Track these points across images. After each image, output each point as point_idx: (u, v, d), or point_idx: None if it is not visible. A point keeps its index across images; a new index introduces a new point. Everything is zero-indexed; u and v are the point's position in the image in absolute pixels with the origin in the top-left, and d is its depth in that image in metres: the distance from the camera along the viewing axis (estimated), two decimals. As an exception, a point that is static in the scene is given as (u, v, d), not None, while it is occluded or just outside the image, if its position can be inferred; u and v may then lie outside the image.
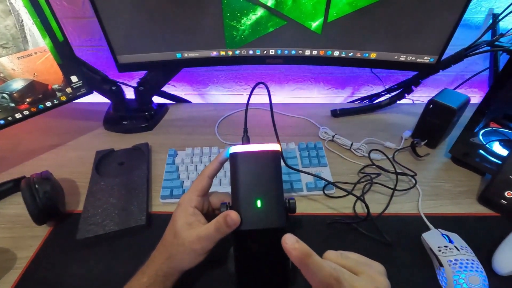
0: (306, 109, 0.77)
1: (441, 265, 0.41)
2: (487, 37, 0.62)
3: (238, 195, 0.33)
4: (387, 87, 0.78)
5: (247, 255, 0.33)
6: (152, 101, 0.76)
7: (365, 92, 0.91)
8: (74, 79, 0.60)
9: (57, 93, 0.59)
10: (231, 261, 0.35)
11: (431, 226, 0.48)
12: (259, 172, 0.33)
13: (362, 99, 0.86)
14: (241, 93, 0.92)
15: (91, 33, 0.76)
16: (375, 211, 0.50)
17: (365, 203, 0.48)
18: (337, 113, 0.75)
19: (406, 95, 0.73)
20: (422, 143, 0.62)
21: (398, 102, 0.75)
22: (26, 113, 0.56)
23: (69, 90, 0.60)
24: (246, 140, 0.40)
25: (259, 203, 0.32)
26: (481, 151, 0.58)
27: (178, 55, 0.61)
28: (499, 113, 0.62)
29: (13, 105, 0.54)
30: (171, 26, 0.57)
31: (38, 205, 0.45)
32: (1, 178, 0.56)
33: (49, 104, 0.58)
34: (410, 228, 0.48)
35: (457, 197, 0.54)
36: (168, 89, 0.87)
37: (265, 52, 0.62)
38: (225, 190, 0.54)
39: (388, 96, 0.76)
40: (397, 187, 0.53)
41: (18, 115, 0.55)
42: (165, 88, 0.79)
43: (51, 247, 0.47)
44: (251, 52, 0.62)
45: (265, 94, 0.42)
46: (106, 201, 0.51)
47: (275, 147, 0.35)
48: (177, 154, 0.62)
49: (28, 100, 0.55)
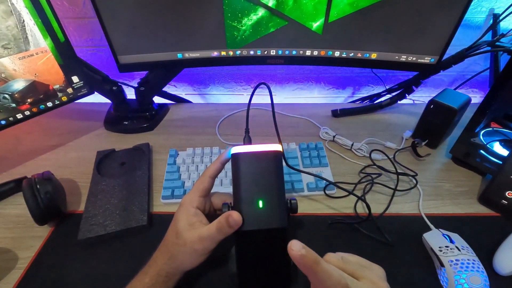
0: (307, 109, 0.77)
1: (442, 265, 0.41)
2: (488, 37, 0.62)
3: (240, 195, 0.33)
4: (387, 87, 0.79)
5: (248, 255, 0.33)
6: (153, 101, 0.76)
7: (365, 92, 0.91)
8: (75, 79, 0.60)
9: (58, 93, 0.59)
10: (232, 261, 0.35)
11: (432, 226, 0.48)
12: (261, 172, 0.33)
13: (362, 99, 0.86)
14: (241, 93, 0.92)
15: (92, 33, 0.76)
16: (376, 211, 0.50)
17: (366, 203, 0.48)
18: (338, 113, 0.75)
19: (406, 95, 0.73)
20: (422, 143, 0.62)
21: (398, 102, 0.75)
22: (27, 113, 0.56)
23: (70, 90, 0.60)
24: (248, 140, 0.40)
25: (260, 204, 0.32)
26: (481, 151, 0.58)
27: (179, 56, 0.61)
28: (499, 113, 0.62)
29: (14, 105, 0.54)
30: (172, 26, 0.57)
31: (39, 205, 0.45)
32: (2, 178, 0.56)
33: (50, 104, 0.58)
34: (411, 228, 0.48)
35: (458, 197, 0.54)
36: (168, 89, 0.87)
37: (266, 52, 0.62)
38: (226, 190, 0.54)
39: (388, 96, 0.76)
40: (398, 187, 0.53)
41: (19, 116, 0.56)
42: (166, 88, 0.79)
43: (52, 248, 0.47)
44: (252, 52, 0.62)
45: (266, 94, 0.43)
46: (107, 201, 0.51)
47: (277, 147, 0.35)
48: (178, 154, 0.62)
49: (29, 100, 0.55)
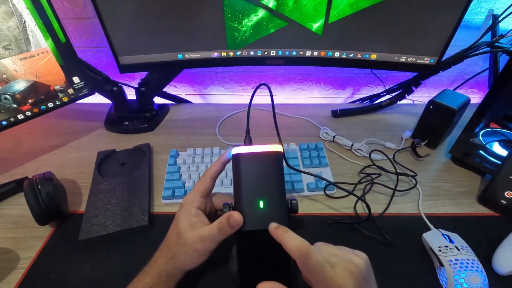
0: (306, 110, 0.77)
1: (441, 264, 0.41)
2: (487, 38, 0.62)
3: (240, 196, 0.33)
4: (387, 87, 0.79)
5: (249, 255, 0.33)
6: (153, 102, 0.76)
7: (365, 92, 0.91)
8: (76, 80, 0.60)
9: (59, 94, 0.59)
10: (233, 261, 0.35)
11: (431, 226, 0.48)
12: (262, 173, 0.34)
13: (362, 100, 0.86)
14: (241, 94, 0.92)
15: (92, 34, 0.76)
16: (375, 211, 0.51)
17: (366, 203, 0.49)
18: (338, 114, 0.75)
19: (406, 96, 0.73)
20: (422, 144, 0.62)
21: (398, 102, 0.75)
22: (28, 114, 0.56)
23: (71, 91, 0.60)
24: (248, 141, 0.40)
25: (261, 204, 0.32)
26: (481, 151, 0.58)
27: (179, 56, 0.61)
28: (499, 113, 0.63)
29: (15, 106, 0.54)
30: (172, 27, 0.57)
31: (40, 205, 0.45)
32: (3, 178, 0.56)
33: (51, 105, 0.59)
34: (410, 228, 0.49)
35: (457, 197, 0.54)
36: (169, 89, 0.87)
37: (266, 53, 0.62)
38: (227, 190, 0.54)
39: (388, 96, 0.77)
40: (398, 188, 0.53)
41: (20, 116, 0.56)
42: (166, 88, 0.79)
43: (53, 248, 0.47)
44: (252, 53, 0.62)
45: (266, 94, 0.43)
46: (108, 201, 0.51)
47: (277, 148, 0.35)
48: (179, 154, 0.62)
49: (30, 101, 0.56)
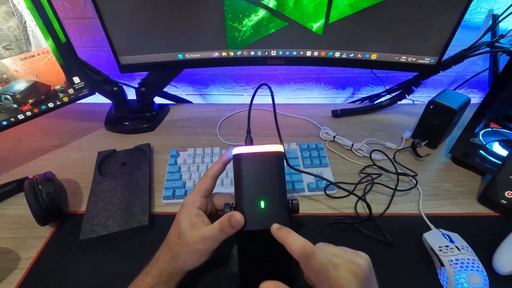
0: (307, 110, 0.77)
1: (442, 264, 0.41)
2: (487, 38, 0.63)
3: (241, 196, 0.33)
4: (387, 87, 0.79)
5: (250, 255, 0.33)
6: (153, 102, 0.76)
7: (365, 92, 0.91)
8: (76, 80, 0.60)
9: (59, 94, 0.59)
10: (234, 261, 0.35)
11: (432, 226, 0.48)
12: (263, 173, 0.34)
13: (362, 100, 0.86)
14: (242, 94, 0.92)
15: (92, 34, 0.76)
16: (376, 211, 0.51)
17: (366, 203, 0.49)
18: (338, 114, 0.75)
19: (406, 96, 0.73)
20: (422, 144, 0.62)
21: (398, 102, 0.75)
22: (28, 114, 0.56)
23: (71, 91, 0.60)
24: (249, 141, 0.40)
25: (262, 204, 0.32)
26: (481, 151, 0.58)
27: (179, 56, 0.61)
28: (499, 113, 0.63)
29: (15, 106, 0.54)
30: (173, 27, 0.57)
31: (41, 205, 0.45)
32: (4, 178, 0.56)
33: (51, 105, 0.59)
34: (411, 228, 0.49)
35: (458, 197, 0.54)
36: (169, 89, 0.87)
37: (266, 53, 0.62)
38: (227, 190, 0.54)
39: (388, 96, 0.77)
40: (398, 187, 0.54)
41: (20, 116, 0.56)
42: (166, 88, 0.79)
43: (54, 248, 0.47)
44: (252, 53, 0.62)
45: (266, 94, 0.43)
46: (108, 201, 0.51)
47: (278, 148, 0.35)
48: (179, 154, 0.62)
49: (30, 101, 0.56)
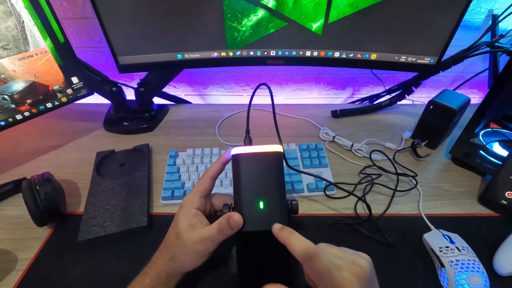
0: (306, 110, 0.77)
1: (442, 265, 0.41)
2: (487, 38, 0.62)
3: (240, 196, 0.33)
4: (387, 87, 0.79)
5: (249, 256, 0.33)
6: (152, 102, 0.76)
7: (365, 93, 0.91)
8: (74, 80, 0.60)
9: (57, 94, 0.58)
10: (233, 262, 0.35)
11: (432, 226, 0.48)
12: (262, 173, 0.33)
13: (362, 100, 0.86)
14: (241, 94, 0.92)
15: (91, 34, 0.76)
16: (376, 211, 0.50)
17: (366, 203, 0.48)
18: (338, 114, 0.75)
19: (406, 96, 0.73)
20: (422, 144, 0.62)
21: (398, 102, 0.75)
22: (26, 114, 0.56)
23: (69, 91, 0.60)
24: (248, 141, 0.40)
25: (261, 205, 0.32)
26: (481, 151, 0.58)
27: (179, 56, 0.61)
28: (499, 113, 0.63)
29: (13, 106, 0.54)
30: (172, 27, 0.57)
31: (39, 206, 0.45)
32: (2, 179, 0.56)
33: (49, 105, 0.58)
34: (411, 228, 0.48)
35: (458, 198, 0.54)
36: (168, 90, 0.87)
37: (265, 53, 0.62)
38: (226, 191, 0.54)
39: (388, 96, 0.77)
40: (398, 188, 0.53)
41: (18, 116, 0.55)
42: (165, 89, 0.79)
43: (52, 249, 0.47)
44: (251, 53, 0.62)
45: (265, 94, 0.43)
46: (107, 202, 0.51)
47: (278, 148, 0.35)
48: (178, 155, 0.62)
49: (28, 101, 0.55)
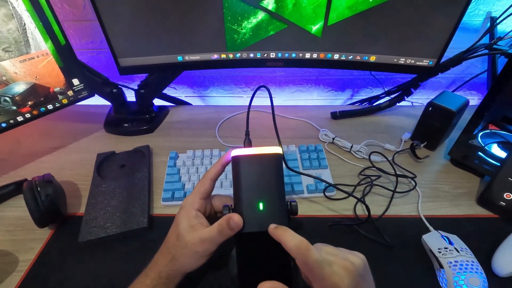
0: (306, 112, 0.77)
1: (441, 266, 0.41)
2: (485, 40, 0.63)
3: (240, 198, 0.33)
4: (386, 89, 0.79)
5: (249, 257, 0.33)
6: (152, 104, 0.76)
7: (364, 94, 0.91)
8: (75, 82, 0.60)
9: (58, 96, 0.59)
10: (233, 263, 0.35)
11: (431, 227, 0.48)
12: (261, 175, 0.34)
13: (361, 102, 0.87)
14: (241, 96, 0.92)
15: (92, 36, 0.76)
16: (375, 213, 0.51)
17: (365, 205, 0.49)
18: (337, 116, 0.75)
19: (405, 98, 0.73)
20: (421, 145, 0.62)
21: (397, 104, 0.75)
22: (27, 116, 0.56)
23: (70, 93, 0.60)
24: (248, 143, 0.40)
25: (261, 206, 0.32)
26: (480, 153, 0.58)
27: (179, 58, 0.62)
28: (497, 115, 0.63)
29: (15, 108, 0.54)
30: (172, 29, 0.57)
31: (40, 207, 0.45)
32: (3, 180, 0.56)
33: (50, 107, 0.59)
34: (410, 229, 0.49)
35: (457, 199, 0.54)
36: (168, 91, 0.87)
37: (265, 55, 0.62)
38: (226, 192, 0.54)
39: (387, 98, 0.77)
40: (397, 189, 0.54)
41: (20, 118, 0.56)
42: (166, 90, 0.79)
43: (53, 250, 0.47)
44: (251, 55, 0.62)
45: (265, 96, 0.43)
46: (107, 203, 0.51)
47: (277, 150, 0.35)
48: (178, 156, 0.62)
49: (30, 103, 0.56)
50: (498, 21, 0.62)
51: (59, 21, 0.53)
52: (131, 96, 0.74)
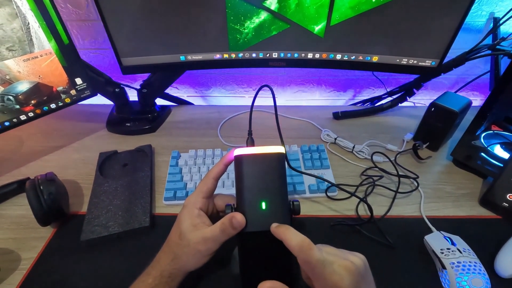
0: (308, 112, 0.77)
1: (443, 267, 0.41)
2: (488, 41, 0.63)
3: (243, 197, 0.33)
4: (388, 89, 0.79)
5: (251, 256, 0.33)
6: (155, 103, 0.76)
7: (367, 94, 0.91)
8: (78, 81, 0.60)
9: (61, 95, 0.59)
10: (235, 262, 0.35)
11: (433, 228, 0.48)
12: (264, 174, 0.34)
13: (364, 102, 0.86)
14: (243, 95, 0.92)
15: (95, 36, 0.77)
16: (377, 213, 0.50)
17: (368, 205, 0.49)
18: (339, 116, 0.75)
19: (407, 98, 0.73)
20: (424, 146, 0.62)
21: (399, 104, 0.75)
22: (30, 114, 0.57)
23: (73, 92, 0.60)
24: (250, 142, 0.40)
25: (263, 205, 0.32)
26: (482, 154, 0.58)
27: (181, 58, 0.62)
28: (500, 116, 0.63)
29: (18, 107, 0.55)
30: (175, 29, 0.57)
31: (42, 206, 0.45)
32: (5, 179, 0.56)
33: (53, 106, 0.59)
34: (412, 230, 0.49)
35: (459, 200, 0.54)
36: (170, 91, 0.88)
37: (268, 55, 0.62)
38: (228, 192, 0.54)
39: (389, 98, 0.77)
40: (399, 190, 0.54)
41: (23, 117, 0.56)
42: (168, 90, 0.79)
43: (55, 248, 0.47)
44: (254, 55, 0.62)
45: (267, 96, 0.43)
46: (109, 202, 0.51)
47: (280, 149, 0.35)
48: (180, 156, 0.62)
49: (33, 102, 0.56)
50: (501, 22, 0.62)
51: (63, 20, 0.53)
52: (133, 95, 0.74)
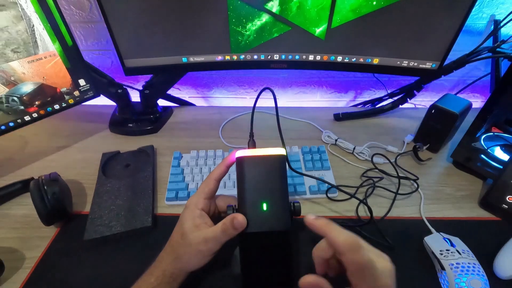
0: (309, 113, 0.78)
1: (443, 268, 0.41)
2: (489, 43, 0.63)
3: (244, 198, 0.33)
4: (389, 91, 0.79)
5: (252, 257, 0.34)
6: (157, 104, 0.77)
7: (367, 96, 0.92)
8: (82, 82, 0.61)
9: (65, 96, 0.60)
10: (236, 262, 0.35)
11: (433, 229, 0.48)
12: (265, 176, 0.34)
13: (364, 103, 0.87)
14: (244, 97, 0.92)
15: (98, 37, 0.77)
16: (377, 214, 0.51)
17: (368, 206, 0.49)
18: (340, 117, 0.75)
19: (408, 100, 0.73)
20: (424, 148, 0.63)
21: (400, 106, 0.75)
22: (35, 115, 0.57)
23: (76, 93, 0.61)
24: (252, 144, 0.41)
25: (265, 206, 0.33)
26: (482, 155, 0.58)
27: (184, 60, 0.62)
28: (500, 118, 0.63)
29: (22, 107, 0.55)
30: (177, 31, 0.58)
31: (46, 206, 0.46)
32: (10, 179, 0.57)
33: (57, 106, 0.60)
34: (412, 231, 0.49)
35: (459, 201, 0.54)
36: (172, 92, 0.88)
37: (269, 57, 0.63)
38: (229, 193, 0.54)
39: (390, 100, 0.77)
40: (399, 191, 0.54)
41: (27, 118, 0.57)
42: (170, 91, 0.80)
43: (58, 248, 0.47)
44: (255, 57, 0.63)
45: (269, 97, 0.43)
46: (112, 202, 0.52)
47: (281, 151, 0.35)
48: (182, 156, 0.62)
49: (37, 103, 0.57)
50: (501, 24, 0.62)
51: (67, 22, 0.54)
52: (135, 96, 0.75)
